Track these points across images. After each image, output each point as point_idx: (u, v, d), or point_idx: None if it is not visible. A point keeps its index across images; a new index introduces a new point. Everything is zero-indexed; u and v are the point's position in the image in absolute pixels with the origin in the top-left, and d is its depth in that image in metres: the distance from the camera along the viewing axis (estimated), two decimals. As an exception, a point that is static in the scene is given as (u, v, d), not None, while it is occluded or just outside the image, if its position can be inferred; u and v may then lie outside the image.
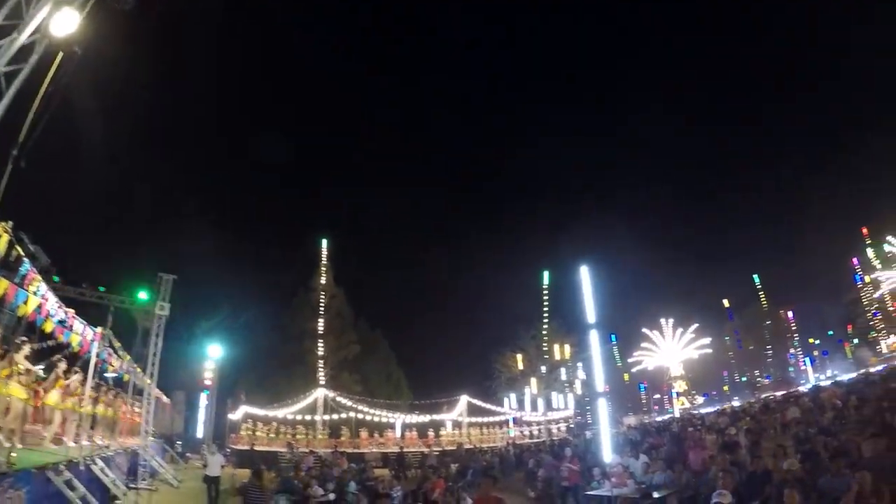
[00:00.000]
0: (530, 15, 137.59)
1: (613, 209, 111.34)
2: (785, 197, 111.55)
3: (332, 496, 15.79)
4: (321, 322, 47.25)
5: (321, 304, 47.80)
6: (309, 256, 49.83)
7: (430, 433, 45.76)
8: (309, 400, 40.96)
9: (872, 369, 45.08)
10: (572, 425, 56.41)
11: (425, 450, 40.15)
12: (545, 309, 69.17)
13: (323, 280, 48.95)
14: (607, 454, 17.18)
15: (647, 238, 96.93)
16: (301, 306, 48.90)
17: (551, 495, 16.89)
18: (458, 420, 48.86)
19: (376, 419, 43.55)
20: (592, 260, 20.19)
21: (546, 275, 69.01)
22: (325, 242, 49.53)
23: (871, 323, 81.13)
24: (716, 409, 50.62)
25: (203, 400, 35.36)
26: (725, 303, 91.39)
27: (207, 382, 35.24)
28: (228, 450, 31.34)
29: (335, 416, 41.91)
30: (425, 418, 46.90)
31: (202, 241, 44.47)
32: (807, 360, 79.41)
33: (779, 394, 49.37)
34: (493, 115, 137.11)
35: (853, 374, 45.41)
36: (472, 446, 40.15)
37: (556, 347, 68.77)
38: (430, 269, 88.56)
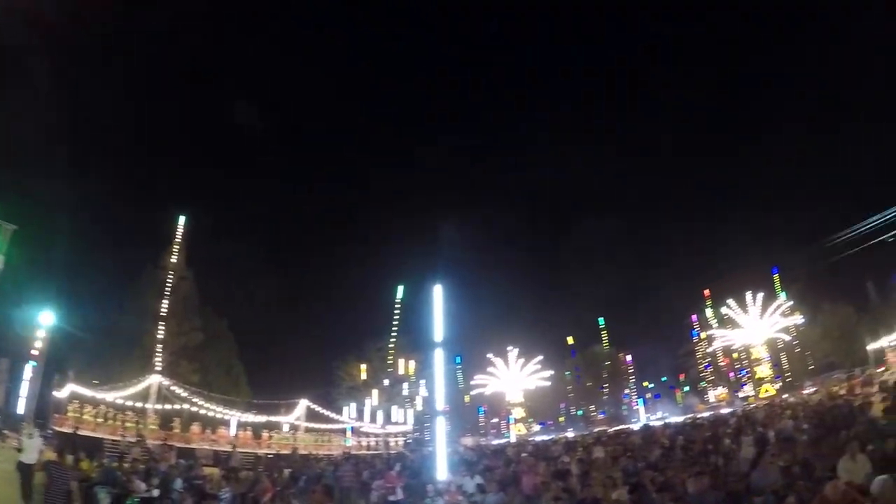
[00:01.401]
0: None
1: (476, 235, 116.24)
2: (637, 250, 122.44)
3: (155, 492, 15.74)
4: (165, 303, 45.88)
5: (168, 285, 46.64)
6: (164, 232, 47.85)
7: (266, 434, 46.92)
8: (142, 385, 39.71)
9: (700, 415, 50.35)
10: (410, 440, 59.30)
11: (259, 451, 41.28)
12: (395, 322, 71.70)
13: (174, 259, 47.52)
14: (442, 472, 18.36)
15: (503, 268, 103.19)
16: (147, 284, 47.27)
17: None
18: (295, 424, 50.22)
19: (211, 414, 43.76)
20: (448, 281, 21.31)
21: (401, 289, 71.64)
22: (182, 219, 47.93)
23: (702, 374, 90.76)
24: (551, 437, 54.98)
25: (28, 372, 33.65)
26: (570, 340, 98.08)
27: (35, 353, 33.81)
28: (50, 431, 30.29)
29: (168, 406, 41.70)
30: (262, 418, 47.86)
31: (51, 196, 42.18)
32: (640, 401, 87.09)
33: (612, 429, 54.99)
34: (381, 123, 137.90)
35: (682, 418, 51.00)
36: (307, 452, 41.41)
37: (402, 362, 71.22)
38: (288, 265, 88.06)
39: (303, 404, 50.64)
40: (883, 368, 47.99)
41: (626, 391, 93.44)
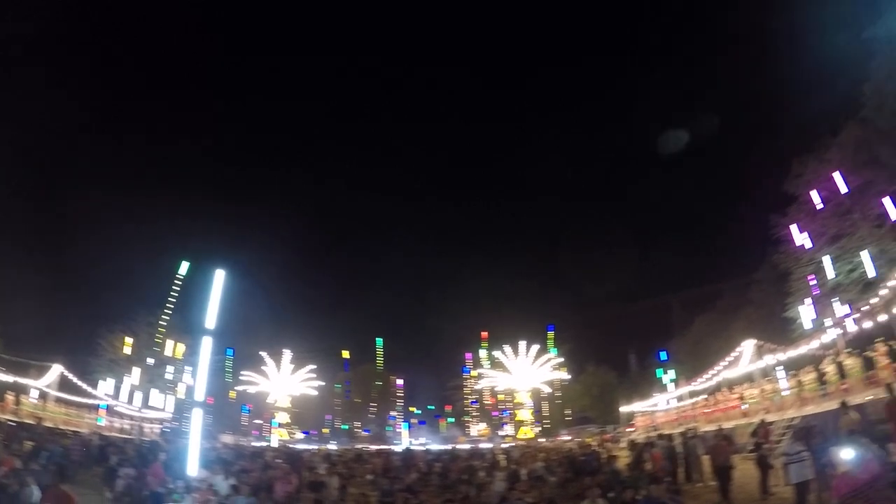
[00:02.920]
0: None
1: (269, 233, 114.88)
2: (422, 279, 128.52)
3: None
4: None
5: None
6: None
7: (10, 397, 42.74)
8: None
9: (459, 446, 53.52)
10: (167, 429, 56.80)
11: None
12: (172, 299, 68.98)
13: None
14: (195, 468, 17.60)
15: (291, 272, 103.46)
16: None
17: (132, 498, 16.87)
18: (45, 391, 46.20)
19: (-50, 364, 39.27)
20: (233, 269, 20.56)
21: (186, 265, 69.00)
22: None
23: (467, 409, 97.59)
24: (313, 448, 55.59)
25: None
26: (345, 353, 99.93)
27: None
28: None
29: None
30: (8, 378, 43.50)
31: None
32: (405, 424, 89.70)
33: (373, 447, 56.64)
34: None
35: (443, 446, 53.78)
36: (53, 425, 38.48)
37: (171, 343, 68.63)
38: (63, 208, 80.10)
39: (56, 370, 46.72)
40: (632, 429, 54.16)
41: (393, 413, 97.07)
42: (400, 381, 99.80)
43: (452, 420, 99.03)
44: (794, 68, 49.69)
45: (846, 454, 9.27)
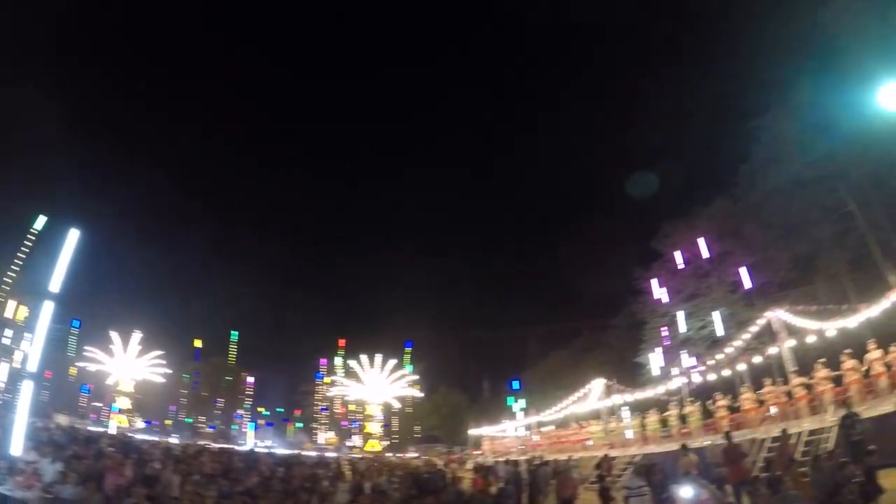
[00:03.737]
0: None
1: (142, 198, 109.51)
2: (286, 280, 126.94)
3: None
4: None
5: None
6: None
7: None
8: None
9: (306, 453, 53.19)
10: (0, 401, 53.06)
11: None
12: (22, 255, 64.57)
13: None
14: (20, 448, 16.38)
15: (155, 245, 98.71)
16: None
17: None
18: None
19: None
20: (92, 231, 19.73)
21: (43, 220, 64.80)
22: None
23: (317, 415, 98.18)
24: (153, 439, 53.62)
25: None
26: (198, 343, 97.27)
27: None
28: None
29: None
30: None
31: None
32: (252, 425, 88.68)
33: (217, 446, 55.35)
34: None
35: (288, 451, 53.37)
36: None
37: (13, 304, 64.22)
38: None
39: None
40: (479, 452, 55.86)
41: (241, 412, 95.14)
42: (251, 379, 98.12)
43: (301, 425, 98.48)
44: (679, 139, 53.69)
45: (685, 492, 10.55)
